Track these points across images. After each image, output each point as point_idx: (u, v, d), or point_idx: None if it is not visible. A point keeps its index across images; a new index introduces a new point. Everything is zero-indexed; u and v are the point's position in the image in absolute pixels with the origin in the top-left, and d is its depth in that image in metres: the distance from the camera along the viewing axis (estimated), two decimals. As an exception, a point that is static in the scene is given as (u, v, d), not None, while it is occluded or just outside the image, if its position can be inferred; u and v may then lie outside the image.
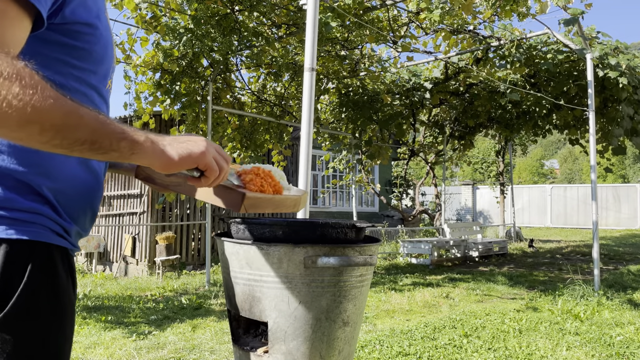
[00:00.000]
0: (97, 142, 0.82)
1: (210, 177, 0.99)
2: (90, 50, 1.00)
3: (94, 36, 1.00)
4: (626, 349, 3.91)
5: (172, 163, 0.91)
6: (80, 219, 1.05)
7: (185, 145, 0.94)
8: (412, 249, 9.48)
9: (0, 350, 0.88)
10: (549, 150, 63.06)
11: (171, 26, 5.93)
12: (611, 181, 33.53)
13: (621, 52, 7.40)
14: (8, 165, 0.93)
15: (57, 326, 0.96)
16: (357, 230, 1.37)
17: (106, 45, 1.05)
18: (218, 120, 7.71)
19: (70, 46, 0.97)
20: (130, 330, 4.61)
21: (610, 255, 10.57)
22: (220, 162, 1.00)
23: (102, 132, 0.82)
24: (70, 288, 1.01)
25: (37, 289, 0.92)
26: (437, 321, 4.84)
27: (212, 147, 0.99)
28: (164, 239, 9.04)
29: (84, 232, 1.09)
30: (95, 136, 0.81)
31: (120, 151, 0.85)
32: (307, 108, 3.02)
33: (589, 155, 6.90)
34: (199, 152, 0.94)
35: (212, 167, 0.98)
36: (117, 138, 0.83)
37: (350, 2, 5.81)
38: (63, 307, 0.97)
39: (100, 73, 1.06)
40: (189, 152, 0.93)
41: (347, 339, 1.33)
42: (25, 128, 0.75)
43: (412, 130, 11.40)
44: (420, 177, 23.17)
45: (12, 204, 0.92)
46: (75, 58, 0.98)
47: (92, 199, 1.08)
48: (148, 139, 0.88)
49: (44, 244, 0.95)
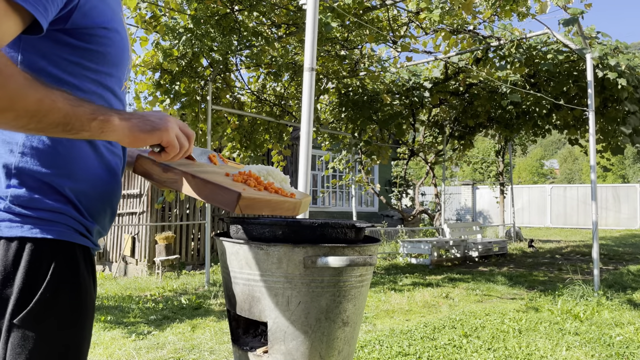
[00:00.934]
0: (70, 123, 0.86)
1: (170, 153, 1.03)
2: (105, 53, 1.02)
3: (109, 39, 1.02)
4: (626, 349, 3.91)
5: (139, 139, 0.96)
6: (100, 218, 1.09)
7: (151, 122, 0.97)
8: (412, 249, 9.48)
9: (23, 346, 0.91)
10: (548, 150, 63.07)
11: (171, 26, 5.93)
12: (611, 181, 33.55)
13: (621, 52, 7.39)
14: (31, 167, 0.96)
15: (78, 324, 0.98)
16: (356, 230, 1.37)
17: (123, 48, 1.07)
18: (218, 120, 7.70)
19: (83, 49, 0.99)
20: (130, 330, 4.60)
21: (610, 256, 10.57)
22: (181, 140, 1.03)
23: (74, 115, 0.86)
24: (92, 286, 1.04)
25: (60, 286, 0.95)
26: (437, 321, 4.84)
27: (176, 124, 1.03)
28: (163, 239, 9.03)
29: (104, 232, 1.12)
30: (67, 119, 0.85)
31: (91, 131, 0.89)
32: (307, 108, 3.01)
33: (588, 156, 6.90)
34: (162, 129, 0.98)
35: (172, 143, 1.01)
36: (88, 119, 0.87)
37: (350, 2, 5.80)
38: (84, 305, 1.00)
39: (116, 75, 1.08)
40: (153, 128, 0.97)
41: (346, 339, 1.33)
42: (1, 116, 0.79)
43: (412, 130, 11.40)
44: (420, 177, 23.17)
45: (37, 204, 0.96)
46: (89, 60, 1.01)
47: (112, 199, 1.12)
48: (116, 117, 0.92)
49: (67, 243, 0.98)
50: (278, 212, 1.27)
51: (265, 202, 1.19)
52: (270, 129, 8.63)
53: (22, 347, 0.90)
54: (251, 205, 1.13)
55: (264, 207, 1.20)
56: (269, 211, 1.23)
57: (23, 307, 0.91)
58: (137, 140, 0.96)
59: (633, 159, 40.70)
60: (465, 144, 12.04)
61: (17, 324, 0.90)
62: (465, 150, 12.43)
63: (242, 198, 1.08)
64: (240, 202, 1.08)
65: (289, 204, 1.30)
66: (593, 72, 6.54)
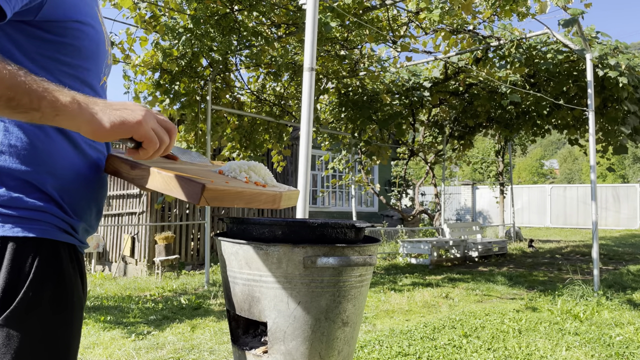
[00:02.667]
0: (15, 99, 0.78)
1: (149, 150, 0.92)
2: (79, 46, 0.99)
3: (83, 32, 0.99)
4: (626, 349, 3.91)
5: (102, 130, 0.85)
6: (85, 215, 1.05)
7: (120, 113, 0.87)
8: (412, 249, 9.48)
9: (8, 346, 0.89)
10: (548, 150, 63.09)
11: (170, 26, 5.93)
12: (611, 181, 33.54)
13: (621, 52, 7.39)
14: (10, 165, 0.93)
15: (64, 322, 0.96)
16: (356, 230, 1.37)
17: (98, 41, 1.04)
18: (217, 120, 7.70)
19: (58, 43, 0.96)
20: (130, 330, 4.60)
21: (610, 256, 10.57)
22: (160, 134, 0.93)
23: (21, 89, 0.78)
24: (79, 284, 1.02)
25: (44, 285, 0.93)
26: (437, 321, 4.84)
27: (152, 116, 0.92)
28: (163, 239, 9.03)
29: (90, 229, 1.09)
30: (11, 92, 0.77)
31: (41, 111, 0.80)
32: (307, 108, 3.01)
33: (588, 156, 6.90)
34: (134, 121, 0.88)
35: (150, 138, 0.91)
36: (37, 97, 0.79)
37: (350, 2, 5.80)
38: (71, 303, 0.98)
39: (93, 70, 1.05)
40: (122, 120, 0.87)
41: (346, 339, 1.33)
42: None
43: (412, 130, 11.40)
44: (420, 177, 23.16)
45: (17, 202, 0.93)
46: (64, 54, 0.98)
47: (97, 196, 1.08)
48: (75, 100, 0.83)
49: (50, 241, 0.95)
50: (255, 204, 1.18)
51: (235, 193, 1.09)
52: (270, 129, 8.63)
53: (7, 346, 0.88)
54: (219, 197, 1.04)
55: (236, 200, 1.10)
56: (243, 204, 1.14)
57: (6, 306, 0.89)
58: (100, 130, 0.85)
59: (633, 159, 40.72)
60: (465, 144, 12.04)
61: (1, 324, 0.89)
62: (465, 150, 12.43)
63: (207, 189, 1.00)
64: (206, 194, 0.99)
65: (267, 196, 1.21)
66: (593, 72, 6.53)
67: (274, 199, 1.24)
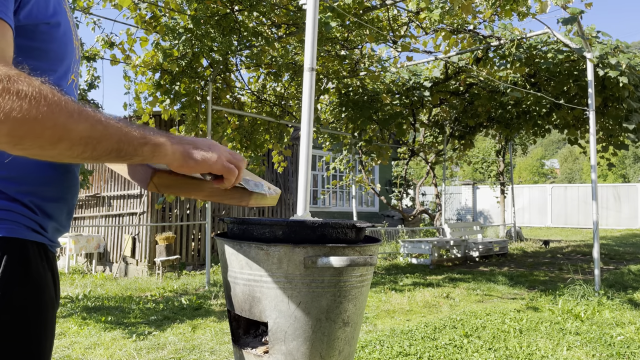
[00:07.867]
0: (123, 149, 0.84)
1: (231, 179, 1.03)
2: (46, 49, 0.98)
3: (50, 34, 0.97)
4: (627, 348, 3.91)
5: (187, 165, 0.96)
6: (55, 215, 1.03)
7: (201, 151, 0.97)
8: (413, 249, 9.47)
9: None
10: (549, 150, 63.06)
11: (171, 26, 5.93)
12: (611, 181, 33.53)
13: (621, 51, 7.39)
14: None
15: (35, 321, 0.94)
16: (357, 230, 1.37)
17: (65, 42, 1.02)
18: (218, 120, 7.70)
19: (26, 47, 0.94)
20: (130, 330, 4.60)
21: (611, 255, 10.56)
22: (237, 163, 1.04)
23: (126, 140, 0.85)
24: (51, 283, 1.00)
25: (12, 284, 0.90)
26: (438, 321, 4.83)
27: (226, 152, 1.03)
28: (163, 240, 9.03)
29: (62, 228, 1.07)
30: (120, 145, 0.84)
31: (143, 155, 0.88)
32: (307, 108, 3.01)
33: (587, 156, 6.90)
34: (211, 158, 0.98)
35: (229, 169, 1.02)
36: (139, 143, 0.86)
37: (350, 2, 5.80)
38: (41, 302, 0.96)
39: (60, 71, 1.03)
40: (202, 157, 0.97)
41: (347, 339, 1.33)
42: (57, 146, 0.77)
43: (412, 130, 11.40)
44: (421, 177, 23.15)
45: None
46: (31, 58, 0.95)
47: (67, 197, 1.06)
48: (168, 142, 0.91)
49: (18, 240, 0.93)
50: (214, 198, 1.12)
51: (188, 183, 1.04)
52: (271, 129, 8.63)
53: None
54: (170, 185, 1.02)
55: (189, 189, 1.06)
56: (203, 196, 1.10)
57: None
58: (186, 166, 0.96)
59: (633, 159, 40.69)
60: (465, 144, 12.03)
61: None
62: (465, 150, 12.43)
63: (158, 175, 0.99)
64: (155, 180, 0.99)
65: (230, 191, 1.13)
66: (593, 71, 6.53)
67: (241, 196, 1.16)
